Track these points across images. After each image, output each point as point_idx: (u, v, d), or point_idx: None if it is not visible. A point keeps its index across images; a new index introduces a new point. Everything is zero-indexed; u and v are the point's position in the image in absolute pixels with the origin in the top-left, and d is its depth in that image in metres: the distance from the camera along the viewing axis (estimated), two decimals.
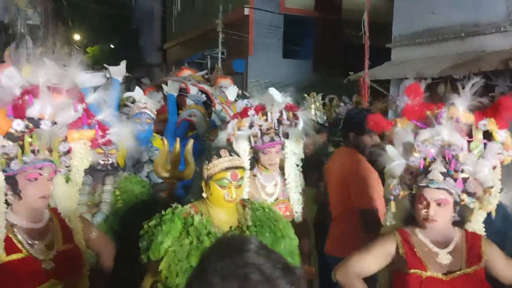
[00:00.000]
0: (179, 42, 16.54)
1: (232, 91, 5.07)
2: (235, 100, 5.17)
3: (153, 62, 19.78)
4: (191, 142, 2.51)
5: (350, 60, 8.83)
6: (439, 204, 1.89)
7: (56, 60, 1.90)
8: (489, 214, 2.28)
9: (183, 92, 4.37)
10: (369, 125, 2.25)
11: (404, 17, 6.55)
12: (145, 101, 3.54)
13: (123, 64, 3.60)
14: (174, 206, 2.01)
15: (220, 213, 2.04)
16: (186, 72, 5.53)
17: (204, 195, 2.03)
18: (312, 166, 3.72)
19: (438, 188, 1.89)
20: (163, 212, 1.97)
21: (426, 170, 1.96)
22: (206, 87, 4.29)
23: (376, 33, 7.15)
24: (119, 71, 3.54)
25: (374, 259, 2.05)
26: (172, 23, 17.82)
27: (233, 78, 12.42)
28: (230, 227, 2.03)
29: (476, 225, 2.12)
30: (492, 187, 2.00)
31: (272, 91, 2.69)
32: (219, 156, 1.99)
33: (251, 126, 2.59)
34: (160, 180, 2.97)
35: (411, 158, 2.00)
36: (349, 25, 10.44)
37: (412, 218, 2.08)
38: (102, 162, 2.44)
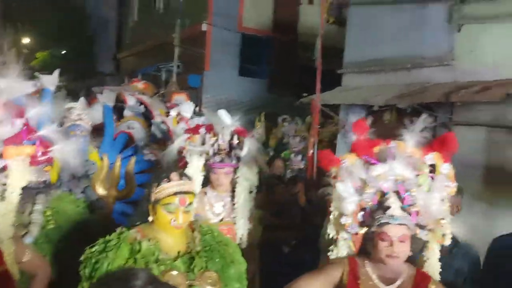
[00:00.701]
0: (134, 53, 16.25)
1: (187, 108, 5.02)
2: (191, 117, 5.14)
3: (106, 71, 19.32)
4: (133, 160, 2.46)
5: (305, 82, 9.03)
6: (401, 241, 1.92)
7: None
8: (451, 254, 2.39)
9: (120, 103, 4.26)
10: (320, 163, 2.30)
11: (355, 45, 6.79)
12: (79, 113, 3.41)
13: (56, 73, 3.48)
14: (119, 230, 1.95)
15: (168, 237, 2.00)
16: (138, 85, 5.42)
17: (150, 219, 1.99)
18: (263, 188, 3.76)
19: (399, 224, 1.93)
20: (107, 237, 1.91)
21: (382, 206, 2.00)
22: (144, 98, 4.20)
23: (331, 58, 7.38)
24: (51, 81, 3.41)
25: (320, 284, 2.04)
26: (127, 32, 17.50)
27: (188, 94, 12.34)
28: (178, 252, 2.00)
29: (432, 259, 2.16)
30: (442, 219, 2.07)
31: (222, 113, 2.70)
32: (169, 179, 1.96)
33: (203, 143, 2.60)
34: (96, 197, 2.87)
35: (364, 195, 2.03)
36: (305, 48, 10.70)
37: (364, 250, 2.11)
38: (34, 180, 2.32)
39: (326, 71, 7.04)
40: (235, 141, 2.62)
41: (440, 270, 2.21)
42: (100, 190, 2.46)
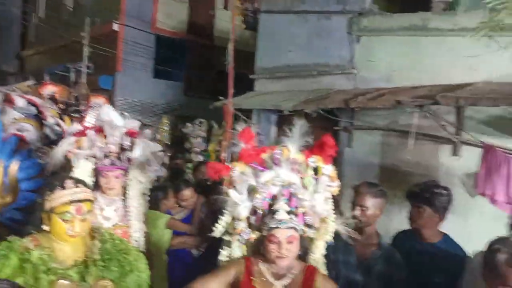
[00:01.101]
0: (40, 51, 15.26)
1: (106, 111, 4.80)
2: None
3: (9, 70, 17.91)
4: (16, 165, 2.32)
5: (222, 86, 9.11)
6: (289, 242, 2.01)
7: None
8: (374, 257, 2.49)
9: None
10: (208, 172, 2.35)
11: (266, 52, 7.01)
12: None
13: None
14: (9, 238, 1.87)
15: (64, 246, 1.94)
16: (50, 88, 5.09)
17: (44, 227, 1.92)
18: (160, 192, 3.74)
19: (287, 228, 2.02)
20: None
21: (271, 211, 2.09)
22: (35, 98, 3.96)
23: (248, 63, 7.53)
24: None
25: (218, 283, 2.10)
26: (33, 30, 16.38)
27: (100, 95, 11.74)
28: (75, 260, 1.95)
29: (318, 254, 2.29)
30: (327, 217, 2.22)
31: (111, 113, 2.64)
32: (63, 187, 1.89)
33: (92, 146, 2.51)
34: None
35: (255, 200, 2.11)
36: (221, 52, 10.79)
37: (258, 251, 2.20)
38: None
39: (243, 76, 7.19)
40: (126, 142, 2.57)
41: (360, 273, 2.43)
42: None
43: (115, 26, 11.20)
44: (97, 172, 2.52)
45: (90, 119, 5.07)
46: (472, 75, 4.43)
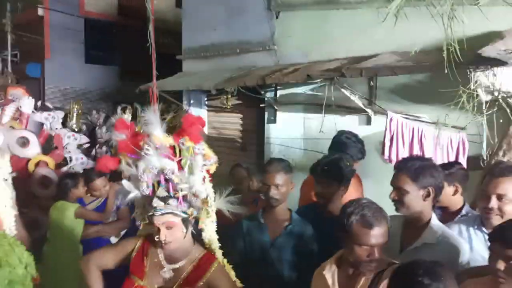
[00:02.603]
0: None
1: (27, 103, 4.59)
2: (33, 112, 4.73)
3: None
4: None
5: (164, 69, 8.91)
6: (168, 227, 2.01)
7: None
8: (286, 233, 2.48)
9: None
10: (97, 166, 2.30)
11: (191, 31, 6.90)
12: None
13: None
14: None
15: None
16: None
17: None
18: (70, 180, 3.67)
19: (162, 214, 2.01)
20: None
21: (153, 196, 2.06)
22: None
23: (179, 43, 7.36)
24: None
25: (113, 256, 2.18)
26: None
27: (28, 84, 11.27)
28: None
29: (209, 233, 2.26)
30: (206, 198, 2.21)
31: None
32: None
33: None
34: None
35: (141, 189, 2.09)
36: (157, 34, 10.52)
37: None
38: None
39: (173, 57, 7.05)
40: None
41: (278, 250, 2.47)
42: None
43: (40, 11, 10.65)
44: None
45: (9, 111, 4.86)
46: (380, 46, 4.55)
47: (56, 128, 5.04)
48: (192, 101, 6.89)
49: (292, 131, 5.58)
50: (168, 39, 9.20)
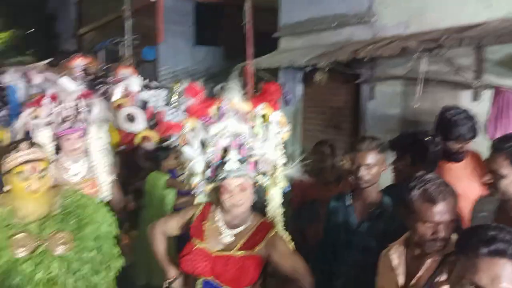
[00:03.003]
0: (92, 28, 15.99)
1: (134, 82, 5.06)
2: (140, 91, 5.20)
3: (69, 49, 19.00)
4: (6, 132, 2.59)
5: (261, 47, 9.08)
6: (241, 190, 2.06)
7: None
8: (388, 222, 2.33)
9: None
10: (160, 130, 2.43)
11: (288, 8, 6.84)
12: None
13: None
14: None
15: (28, 203, 2.10)
16: (79, 61, 5.41)
17: (5, 188, 2.09)
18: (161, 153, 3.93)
19: (237, 176, 2.07)
20: None
21: (223, 162, 2.12)
22: (50, 75, 4.23)
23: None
24: None
25: (176, 222, 2.31)
26: (86, 8, 17.15)
27: (145, 66, 12.20)
28: (38, 215, 2.11)
29: (274, 204, 2.29)
30: (278, 164, 2.22)
31: (64, 80, 2.79)
32: (18, 149, 2.06)
33: (50, 114, 2.68)
34: None
35: (207, 154, 2.16)
36: (259, 13, 10.66)
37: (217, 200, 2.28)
38: None
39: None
40: (82, 104, 2.72)
41: None
42: None
43: None
44: (58, 137, 2.71)
45: (119, 89, 5.35)
46: (489, 12, 4.04)
47: (160, 106, 5.40)
48: (288, 79, 6.87)
49: (389, 108, 5.27)
50: (270, 18, 9.23)
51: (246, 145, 2.17)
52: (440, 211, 1.66)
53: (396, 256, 1.89)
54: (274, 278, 2.19)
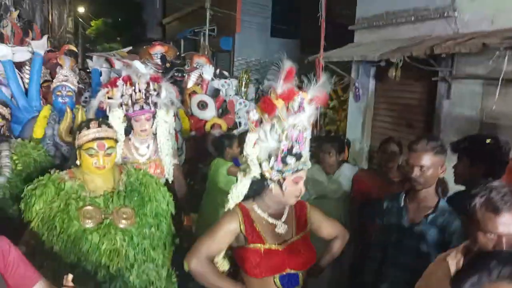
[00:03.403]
0: (176, 18, 16.66)
1: (207, 70, 5.28)
2: (212, 79, 5.41)
3: (154, 37, 19.98)
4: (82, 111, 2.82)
5: (338, 41, 8.96)
6: (298, 182, 2.04)
7: None
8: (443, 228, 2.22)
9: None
10: (260, 107, 2.38)
11: (365, 1, 6.66)
12: (65, 74, 3.73)
13: (44, 38, 3.85)
14: (52, 171, 2.25)
15: (96, 178, 2.26)
16: (158, 48, 5.73)
17: (77, 162, 2.26)
18: (226, 140, 4.01)
19: (301, 170, 2.04)
20: (39, 177, 2.21)
21: (291, 153, 2.02)
22: (129, 61, 4.49)
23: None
24: (41, 45, 3.78)
25: (221, 239, 2.08)
26: None
27: (221, 56, 12.54)
28: (104, 191, 2.26)
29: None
30: None
31: (137, 64, 2.93)
32: (88, 127, 2.21)
33: (121, 96, 2.84)
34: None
35: (282, 142, 2.10)
36: (338, 5, 10.48)
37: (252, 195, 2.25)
38: None
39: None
40: (152, 88, 2.85)
41: None
42: (67, 137, 2.84)
43: None
44: (129, 118, 2.87)
45: (193, 77, 5.60)
46: None
47: (230, 95, 5.53)
48: (360, 73, 6.71)
49: (465, 109, 4.97)
50: (346, 10, 9.04)
51: (307, 141, 2.16)
52: (504, 222, 1.53)
53: (453, 262, 1.79)
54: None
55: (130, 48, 5.79)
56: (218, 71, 5.96)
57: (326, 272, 2.35)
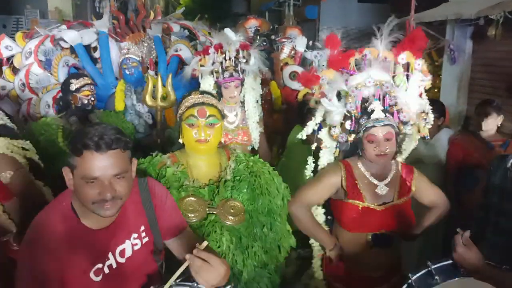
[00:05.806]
0: None
1: (300, 42, 5.31)
2: (304, 51, 5.42)
3: (239, 12, 20.16)
4: (170, 77, 3.00)
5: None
6: (387, 139, 2.09)
7: None
8: None
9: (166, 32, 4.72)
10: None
11: None
12: (128, 47, 3.95)
13: (105, 16, 4.07)
14: (154, 154, 2.05)
15: (201, 163, 1.99)
16: (253, 22, 5.84)
17: (180, 140, 2.03)
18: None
19: (384, 125, 2.09)
20: (140, 160, 1.98)
21: (365, 112, 2.14)
22: (187, 22, 4.61)
23: None
24: (103, 24, 4.01)
25: (322, 190, 2.23)
26: None
27: (306, 25, 12.37)
28: (210, 180, 2.01)
29: (406, 152, 2.39)
30: (423, 112, 2.22)
31: (227, 31, 3.01)
32: (189, 95, 2.05)
33: (212, 63, 2.95)
34: None
35: (348, 105, 2.17)
36: None
37: (353, 154, 2.31)
38: (86, 102, 2.90)
39: None
40: (241, 55, 2.91)
41: None
42: (149, 102, 3.08)
43: None
44: (218, 85, 3.00)
45: (286, 49, 5.66)
46: None
47: (323, 65, 5.46)
48: (456, 34, 6.21)
49: None
50: None
51: (389, 95, 2.14)
52: None
53: None
54: None
55: (183, 9, 5.91)
56: (311, 42, 5.90)
57: (420, 238, 2.32)
